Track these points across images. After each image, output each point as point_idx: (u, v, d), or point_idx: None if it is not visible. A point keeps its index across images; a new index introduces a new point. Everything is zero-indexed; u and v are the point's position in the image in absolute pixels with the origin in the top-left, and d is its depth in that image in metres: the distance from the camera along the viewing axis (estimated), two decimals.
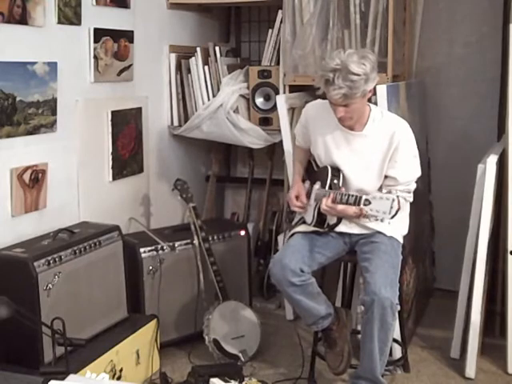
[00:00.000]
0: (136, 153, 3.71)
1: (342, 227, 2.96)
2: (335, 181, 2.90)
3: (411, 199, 2.94)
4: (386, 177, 2.88)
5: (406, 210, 2.99)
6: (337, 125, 2.88)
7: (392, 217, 2.60)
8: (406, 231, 3.03)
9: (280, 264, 2.87)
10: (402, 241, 3.00)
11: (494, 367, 3.30)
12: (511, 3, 3.39)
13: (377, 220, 2.65)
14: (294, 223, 3.11)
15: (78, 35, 3.25)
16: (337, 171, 2.91)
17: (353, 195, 2.75)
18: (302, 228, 3.03)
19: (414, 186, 2.92)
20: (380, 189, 2.88)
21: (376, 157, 2.85)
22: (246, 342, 3.37)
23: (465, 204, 3.38)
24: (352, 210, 2.77)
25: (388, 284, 2.75)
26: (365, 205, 2.64)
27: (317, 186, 2.98)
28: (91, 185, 3.41)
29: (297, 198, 3.04)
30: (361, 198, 2.68)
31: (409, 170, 2.88)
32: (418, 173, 2.93)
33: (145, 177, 3.82)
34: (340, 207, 2.80)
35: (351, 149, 2.89)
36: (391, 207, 2.58)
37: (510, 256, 3.20)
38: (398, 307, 2.79)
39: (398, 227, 2.95)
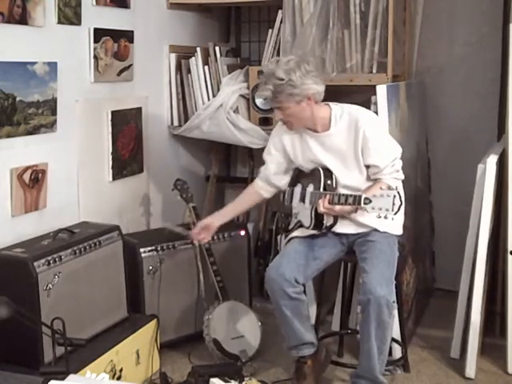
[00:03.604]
0: (136, 153, 3.71)
1: (339, 228, 2.97)
2: (328, 181, 2.92)
3: (402, 176, 2.96)
4: (368, 167, 2.90)
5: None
6: (303, 131, 2.97)
7: (395, 213, 2.60)
8: (401, 221, 3.02)
9: (276, 272, 2.88)
10: (400, 232, 3.00)
11: (494, 367, 3.30)
12: (511, 3, 3.39)
13: (380, 217, 2.65)
14: (290, 227, 3.09)
15: (78, 35, 3.25)
16: (328, 172, 2.94)
17: (351, 195, 2.75)
18: (299, 232, 3.03)
19: (400, 164, 2.94)
20: (368, 180, 2.92)
21: (349, 151, 2.90)
22: (246, 342, 3.37)
23: (465, 204, 3.39)
24: (348, 206, 2.78)
25: (383, 283, 2.75)
26: (365, 203, 2.65)
27: (310, 188, 2.98)
28: (91, 185, 3.41)
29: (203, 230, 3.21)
30: (360, 197, 2.68)
31: (386, 152, 2.91)
32: (398, 150, 2.95)
33: (145, 177, 3.82)
34: (338, 207, 2.81)
35: (325, 148, 2.94)
36: (393, 203, 2.58)
37: (510, 256, 3.20)
38: (395, 305, 2.80)
39: (390, 221, 2.95)
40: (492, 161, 3.16)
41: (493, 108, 3.95)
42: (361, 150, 2.88)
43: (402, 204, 2.60)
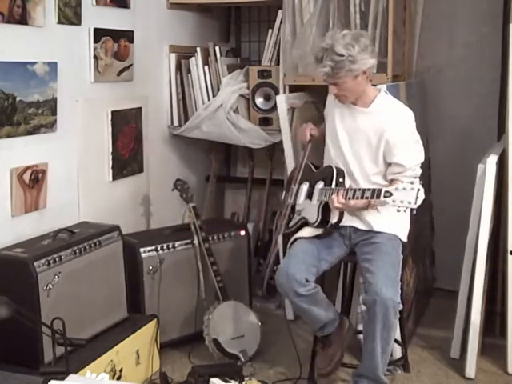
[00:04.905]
0: (136, 153, 3.71)
1: (344, 221, 2.96)
2: (340, 179, 2.91)
3: None
4: (390, 164, 2.89)
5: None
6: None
7: (418, 206, 2.59)
8: (407, 229, 3.03)
9: (286, 274, 2.87)
10: (405, 239, 3.00)
11: (494, 367, 3.30)
12: (511, 3, 3.39)
13: (399, 211, 2.63)
14: (291, 225, 3.09)
15: (78, 35, 3.25)
16: (341, 170, 2.93)
17: (369, 189, 2.74)
18: (304, 233, 3.02)
19: (420, 171, 2.94)
20: (378, 175, 2.92)
21: (374, 136, 2.88)
22: (246, 342, 3.37)
23: (465, 204, 3.38)
24: (362, 201, 2.77)
25: (389, 284, 2.76)
26: (385, 196, 2.62)
27: (320, 185, 2.97)
28: (91, 185, 3.41)
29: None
30: (380, 190, 2.66)
31: (414, 154, 2.91)
32: (422, 157, 2.96)
33: (145, 177, 3.82)
34: (353, 202, 2.80)
35: (354, 125, 2.93)
36: (417, 197, 2.57)
37: (510, 256, 3.20)
38: (401, 306, 2.80)
39: (397, 225, 2.96)
40: (492, 161, 3.16)
41: (493, 108, 3.95)
42: (384, 145, 2.86)
43: (424, 198, 2.59)
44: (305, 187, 3.07)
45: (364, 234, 2.97)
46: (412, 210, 2.60)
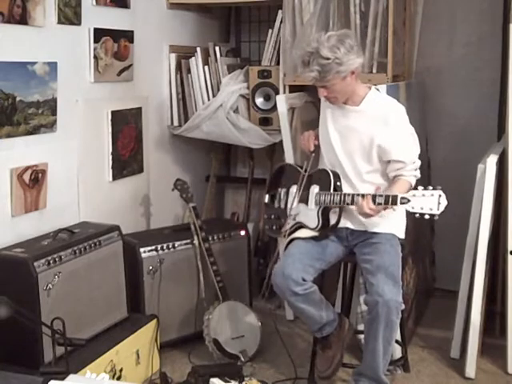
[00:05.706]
0: (136, 153, 3.71)
1: (342, 223, 2.96)
2: (338, 183, 2.90)
3: (419, 175, 2.95)
4: (389, 162, 2.88)
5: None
6: None
7: (441, 212, 2.57)
8: (404, 224, 3.02)
9: (282, 274, 2.86)
10: (402, 236, 3.00)
11: (494, 367, 3.30)
12: (511, 3, 3.39)
13: (417, 216, 2.62)
14: (285, 229, 3.06)
15: (78, 35, 3.25)
16: (336, 173, 2.92)
17: (381, 195, 2.71)
18: (301, 233, 3.02)
19: (419, 162, 2.94)
20: (382, 175, 2.91)
21: (366, 137, 2.87)
22: (246, 341, 3.37)
23: (465, 204, 3.38)
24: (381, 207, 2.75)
25: (391, 284, 2.76)
26: (402, 203, 2.61)
27: (316, 189, 2.95)
28: (91, 185, 3.41)
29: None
30: (396, 196, 2.64)
31: (411, 149, 2.91)
32: (419, 148, 2.96)
33: (145, 177, 3.82)
34: (380, 207, 2.75)
35: (346, 124, 2.92)
36: (439, 203, 2.56)
37: (510, 256, 3.20)
38: (403, 306, 2.80)
39: (393, 223, 2.95)
40: (492, 161, 3.16)
41: (493, 108, 3.95)
42: (377, 150, 2.85)
43: (448, 203, 2.56)
44: (294, 191, 3.05)
45: (361, 234, 2.96)
46: (433, 215, 2.59)
